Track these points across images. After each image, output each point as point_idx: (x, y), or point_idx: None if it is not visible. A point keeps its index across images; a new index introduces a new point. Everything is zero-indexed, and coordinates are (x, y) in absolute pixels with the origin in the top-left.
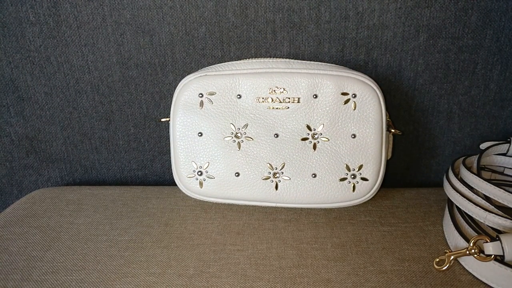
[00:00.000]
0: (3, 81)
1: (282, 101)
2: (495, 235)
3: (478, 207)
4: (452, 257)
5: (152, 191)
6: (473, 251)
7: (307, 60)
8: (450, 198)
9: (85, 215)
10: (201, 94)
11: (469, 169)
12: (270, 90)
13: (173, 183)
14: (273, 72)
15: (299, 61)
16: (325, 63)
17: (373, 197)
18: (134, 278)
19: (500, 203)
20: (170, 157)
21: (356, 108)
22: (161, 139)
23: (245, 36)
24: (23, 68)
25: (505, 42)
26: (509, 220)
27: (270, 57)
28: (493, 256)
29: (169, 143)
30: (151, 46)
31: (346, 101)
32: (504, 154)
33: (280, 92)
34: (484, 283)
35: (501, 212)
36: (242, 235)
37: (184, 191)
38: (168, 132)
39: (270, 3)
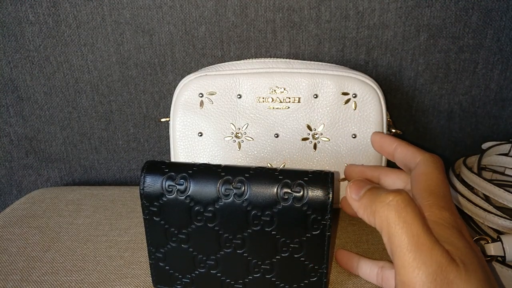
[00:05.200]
0: (2, 81)
1: (282, 101)
2: (495, 236)
3: (477, 207)
4: None
5: None
6: None
7: (308, 60)
8: None
9: (85, 216)
10: (201, 94)
11: (470, 169)
12: (271, 90)
13: None
14: (274, 72)
15: (299, 61)
16: (326, 63)
17: None
18: (134, 279)
19: (500, 203)
20: (170, 157)
21: (357, 108)
22: (161, 139)
23: (245, 35)
24: (22, 68)
25: (506, 41)
26: (508, 220)
27: (270, 57)
28: (494, 257)
29: (169, 143)
30: (150, 46)
31: (347, 101)
32: (506, 155)
33: (281, 92)
34: None
35: (500, 212)
36: None
37: None
38: (168, 132)
39: (270, 3)
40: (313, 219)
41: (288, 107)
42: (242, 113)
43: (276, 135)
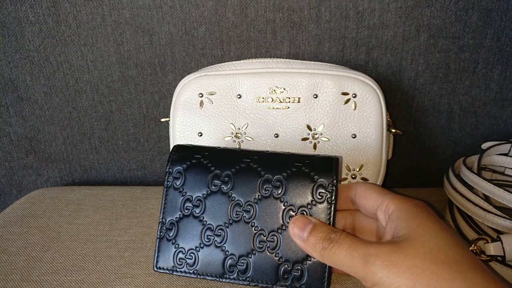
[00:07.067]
0: (2, 81)
1: (282, 101)
2: (495, 235)
3: (477, 207)
4: None
5: (151, 191)
6: (474, 251)
7: (307, 60)
8: (450, 199)
9: (85, 216)
10: (201, 94)
11: (469, 168)
12: (270, 90)
13: None
14: (273, 72)
15: (299, 61)
16: (325, 63)
17: None
18: (134, 279)
19: (500, 203)
20: None
21: (357, 108)
22: (161, 139)
23: (245, 35)
24: (22, 68)
25: (506, 41)
26: (508, 220)
27: (270, 57)
28: (494, 256)
29: (169, 143)
30: (150, 46)
31: (347, 101)
32: (506, 154)
33: (280, 92)
34: None
35: (500, 212)
36: None
37: None
38: (168, 132)
39: (270, 3)
40: (319, 186)
41: (288, 107)
42: (242, 113)
43: (276, 135)
